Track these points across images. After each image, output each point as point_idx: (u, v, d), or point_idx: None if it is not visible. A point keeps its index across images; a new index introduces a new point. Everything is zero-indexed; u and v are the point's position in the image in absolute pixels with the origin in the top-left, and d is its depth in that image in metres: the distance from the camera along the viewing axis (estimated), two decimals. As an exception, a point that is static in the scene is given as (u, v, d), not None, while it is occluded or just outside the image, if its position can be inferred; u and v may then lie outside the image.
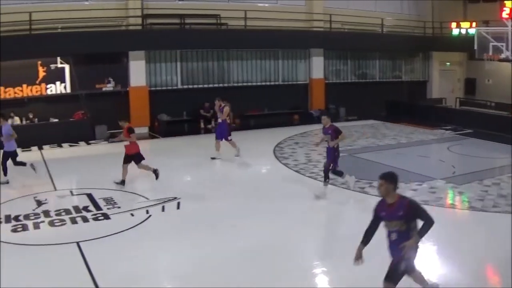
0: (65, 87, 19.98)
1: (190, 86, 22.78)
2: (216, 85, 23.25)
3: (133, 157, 12.46)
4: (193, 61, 23.01)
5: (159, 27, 21.50)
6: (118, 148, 13.35)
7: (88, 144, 18.74)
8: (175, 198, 11.45)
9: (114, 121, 19.87)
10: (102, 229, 9.53)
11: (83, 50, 19.49)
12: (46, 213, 10.50)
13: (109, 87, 20.92)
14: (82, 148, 18.21)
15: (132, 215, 10.44)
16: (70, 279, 7.47)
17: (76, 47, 19.03)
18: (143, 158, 12.56)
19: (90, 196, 11.65)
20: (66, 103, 19.88)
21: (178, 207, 11.00)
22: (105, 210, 10.73)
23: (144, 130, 20.82)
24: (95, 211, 10.65)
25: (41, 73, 19.53)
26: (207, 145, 16.09)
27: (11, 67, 18.89)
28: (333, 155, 11.53)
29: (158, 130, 21.32)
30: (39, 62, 19.39)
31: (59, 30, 19.36)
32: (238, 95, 22.32)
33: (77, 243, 8.78)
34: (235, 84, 23.87)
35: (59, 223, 9.97)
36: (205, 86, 23.05)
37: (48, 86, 19.68)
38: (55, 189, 12.52)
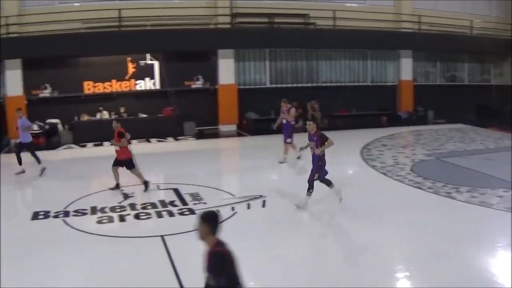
0: (154, 84, 20.26)
1: (279, 85, 22.48)
2: (304, 85, 22.82)
3: (123, 162, 11.62)
4: (282, 60, 22.69)
5: (248, 26, 21.34)
6: (207, 145, 13.16)
7: (176, 140, 18.86)
8: (261, 196, 11.06)
9: (203, 118, 20.27)
10: (187, 224, 9.25)
11: (172, 48, 19.71)
12: (132, 206, 10.47)
13: (197, 84, 20.99)
14: (170, 144, 18.35)
15: (218, 211, 10.10)
16: (153, 272, 7.29)
17: (166, 44, 19.26)
18: (133, 166, 11.63)
19: (176, 191, 11.52)
20: (155, 99, 20.14)
21: (263, 205, 10.60)
22: (191, 205, 10.51)
23: (233, 127, 20.70)
24: (181, 206, 10.48)
25: (131, 69, 19.89)
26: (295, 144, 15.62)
27: (101, 62, 19.43)
28: (317, 164, 10.23)
29: (246, 128, 21.12)
30: (129, 59, 19.76)
31: (148, 28, 19.64)
32: (326, 95, 21.93)
33: (162, 236, 8.60)
34: (324, 84, 23.33)
35: (145, 217, 9.87)
36: (294, 85, 22.65)
37: (137, 82, 20.01)
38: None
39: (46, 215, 9.97)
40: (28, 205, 11.46)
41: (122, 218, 9.79)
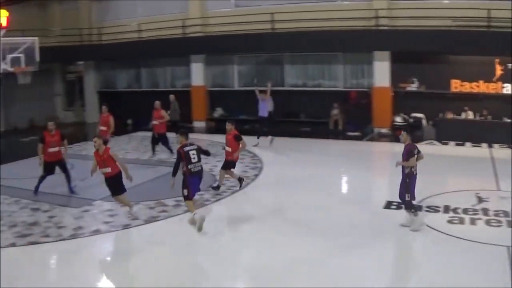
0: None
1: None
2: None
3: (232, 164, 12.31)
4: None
5: None
6: None
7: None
8: None
9: None
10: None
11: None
12: (485, 211, 10.44)
13: None
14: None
15: None
16: (488, 281, 7.39)
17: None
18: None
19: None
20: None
21: None
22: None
23: None
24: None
25: (498, 71, 19.14)
26: None
27: (469, 62, 19.22)
28: (404, 180, 9.27)
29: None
30: (497, 60, 19.03)
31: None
32: None
33: (508, 247, 8.49)
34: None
35: (495, 224, 9.80)
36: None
37: (505, 85, 19.13)
38: (498, 189, 12.25)
39: (399, 206, 10.42)
40: (383, 194, 12.36)
41: (472, 222, 9.92)
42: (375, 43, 19.63)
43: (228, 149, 12.09)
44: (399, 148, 9.94)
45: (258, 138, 17.62)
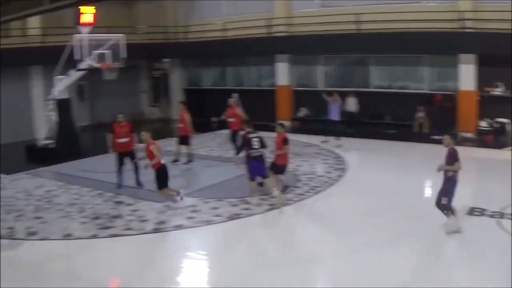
0: None
1: None
2: None
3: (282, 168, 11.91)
4: None
5: None
6: None
7: None
8: None
9: None
10: None
11: None
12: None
13: None
14: None
15: None
16: None
17: None
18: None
19: None
20: None
21: None
22: None
23: None
24: None
25: None
26: None
27: None
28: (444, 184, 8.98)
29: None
30: None
31: None
32: None
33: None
34: None
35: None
36: None
37: None
38: None
39: (482, 212, 9.92)
40: (466, 200, 11.24)
41: None
42: (460, 45, 18.52)
43: (277, 152, 11.73)
44: (485, 153, 9.10)
45: (339, 140, 17.23)
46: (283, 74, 23.13)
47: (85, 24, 16.07)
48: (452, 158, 8.77)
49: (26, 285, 7.51)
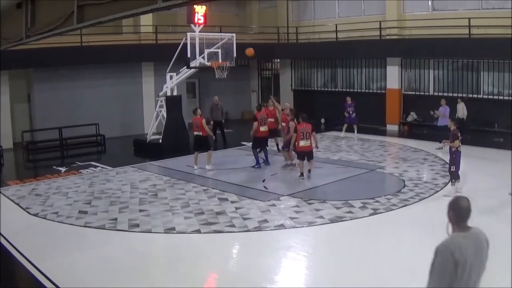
0: None
1: None
2: None
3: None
4: None
5: None
6: None
7: None
8: None
9: None
10: None
11: None
12: None
13: None
14: None
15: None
16: None
17: None
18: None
19: None
20: None
21: None
22: None
23: None
24: None
25: None
26: None
27: None
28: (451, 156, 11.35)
29: None
30: None
31: None
32: None
33: None
34: None
35: None
36: None
37: None
38: None
39: None
40: None
41: None
42: None
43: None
44: None
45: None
46: (393, 77, 22.32)
47: (197, 23, 16.37)
48: (454, 137, 11.06)
49: (124, 277, 7.59)
